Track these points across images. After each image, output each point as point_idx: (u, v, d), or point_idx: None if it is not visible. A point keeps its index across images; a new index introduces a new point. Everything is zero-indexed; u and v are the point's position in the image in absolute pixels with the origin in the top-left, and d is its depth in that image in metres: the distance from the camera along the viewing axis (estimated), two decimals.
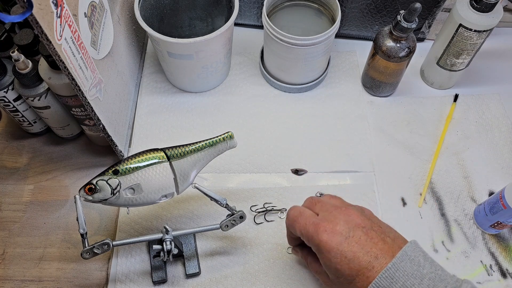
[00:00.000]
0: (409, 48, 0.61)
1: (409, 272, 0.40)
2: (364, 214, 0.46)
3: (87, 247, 0.48)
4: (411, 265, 0.41)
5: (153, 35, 0.59)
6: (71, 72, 0.45)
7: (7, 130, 0.68)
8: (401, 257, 0.41)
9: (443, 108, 0.69)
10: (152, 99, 0.70)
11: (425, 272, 0.40)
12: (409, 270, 0.40)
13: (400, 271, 0.40)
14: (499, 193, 0.54)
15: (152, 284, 0.55)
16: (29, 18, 0.37)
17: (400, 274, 0.40)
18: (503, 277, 0.56)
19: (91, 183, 0.47)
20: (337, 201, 0.49)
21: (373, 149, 0.65)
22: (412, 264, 0.41)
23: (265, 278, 0.56)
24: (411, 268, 0.40)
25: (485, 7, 0.57)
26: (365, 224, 0.44)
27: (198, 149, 0.51)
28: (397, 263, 0.41)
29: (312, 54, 0.63)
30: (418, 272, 0.40)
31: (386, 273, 0.40)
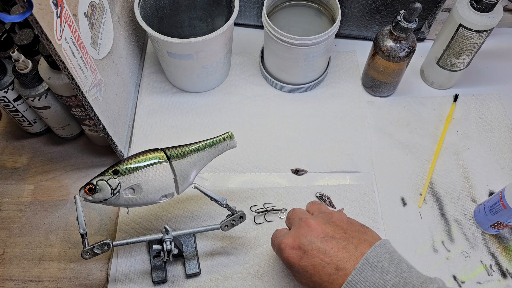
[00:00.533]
0: (409, 48, 0.61)
1: (371, 281, 0.39)
2: (329, 221, 0.45)
3: (87, 247, 0.48)
4: (372, 273, 0.40)
5: (153, 35, 0.59)
6: (71, 72, 0.45)
7: (7, 130, 0.68)
8: (361, 266, 0.40)
9: (443, 108, 0.69)
10: (152, 99, 0.70)
11: (388, 278, 0.39)
12: (370, 279, 0.39)
13: (361, 282, 0.39)
14: (499, 193, 0.54)
15: (152, 284, 0.55)
16: (29, 18, 0.37)
17: (361, 286, 0.39)
18: (503, 277, 0.56)
19: (91, 183, 0.47)
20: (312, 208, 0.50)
21: (373, 149, 0.65)
22: (373, 272, 0.40)
23: (265, 278, 0.56)
24: (373, 276, 0.39)
25: (485, 7, 0.57)
26: (326, 233, 0.44)
27: (198, 149, 0.51)
28: (357, 274, 0.40)
29: (312, 54, 0.63)
30: (381, 280, 0.39)
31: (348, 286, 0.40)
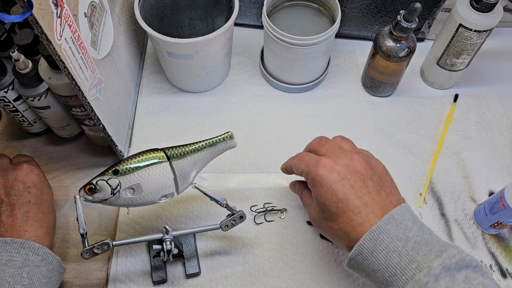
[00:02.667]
0: (409, 48, 0.61)
1: (394, 234, 0.40)
2: (369, 163, 0.46)
3: (87, 247, 0.48)
4: (396, 228, 0.41)
5: (153, 35, 0.59)
6: (71, 72, 0.45)
7: (7, 130, 0.68)
8: (387, 219, 0.41)
9: (443, 108, 0.69)
10: (152, 99, 0.70)
11: (411, 235, 0.40)
12: (394, 233, 0.40)
13: (384, 233, 0.41)
14: (499, 193, 0.54)
15: (152, 284, 0.55)
16: (29, 18, 0.37)
17: (384, 236, 0.40)
18: (503, 277, 0.56)
19: (91, 183, 0.47)
20: (346, 144, 0.50)
21: (373, 149, 0.65)
22: (398, 227, 0.41)
23: (265, 278, 0.56)
24: (397, 231, 0.41)
25: (485, 7, 0.57)
26: (365, 172, 0.45)
27: (198, 149, 0.51)
28: (382, 226, 0.41)
29: (312, 54, 0.63)
30: (404, 235, 0.40)
31: (370, 235, 0.41)
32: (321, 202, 0.45)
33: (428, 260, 0.38)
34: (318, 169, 0.45)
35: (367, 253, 0.41)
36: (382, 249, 0.40)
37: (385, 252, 0.40)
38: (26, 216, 0.49)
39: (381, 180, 0.45)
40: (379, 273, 0.40)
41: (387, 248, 0.40)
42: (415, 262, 0.39)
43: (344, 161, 0.45)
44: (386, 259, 0.40)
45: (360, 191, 0.43)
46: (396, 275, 0.39)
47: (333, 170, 0.44)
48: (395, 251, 0.40)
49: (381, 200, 0.43)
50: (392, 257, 0.40)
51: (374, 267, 0.41)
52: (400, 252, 0.40)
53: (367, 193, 0.43)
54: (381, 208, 0.43)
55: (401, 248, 0.40)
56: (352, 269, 0.44)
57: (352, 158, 0.46)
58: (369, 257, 0.41)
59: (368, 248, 0.41)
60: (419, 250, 0.39)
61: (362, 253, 0.41)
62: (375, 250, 0.40)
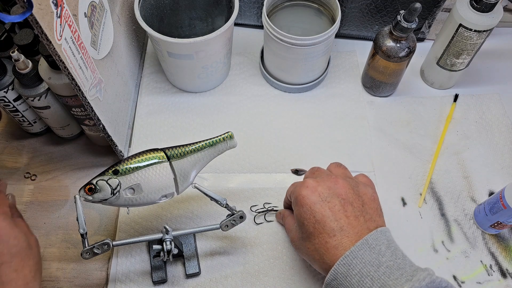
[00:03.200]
0: (409, 48, 0.61)
1: (367, 260, 0.41)
2: (355, 189, 0.47)
3: (87, 247, 0.48)
4: (370, 253, 0.42)
5: (153, 35, 0.59)
6: (71, 72, 0.45)
7: (7, 130, 0.68)
8: (360, 245, 0.42)
9: (443, 108, 0.69)
10: (152, 99, 0.70)
11: (383, 260, 0.41)
12: (367, 258, 0.41)
13: (357, 258, 0.41)
14: (499, 193, 0.54)
15: (152, 284, 0.55)
16: (29, 18, 0.37)
17: (357, 262, 0.41)
18: (503, 277, 0.56)
19: (91, 183, 0.47)
20: (338, 171, 0.52)
21: (373, 149, 0.65)
22: (371, 252, 0.42)
23: (265, 278, 0.56)
24: (370, 256, 0.41)
25: (485, 7, 0.57)
26: (347, 196, 0.46)
27: (198, 149, 0.51)
28: (355, 251, 0.42)
29: (312, 54, 0.63)
30: (376, 260, 0.41)
31: (344, 260, 0.42)
32: (300, 221, 0.47)
33: (399, 284, 0.39)
34: (302, 189, 0.47)
35: (342, 278, 0.42)
36: (355, 274, 0.41)
37: (358, 277, 0.41)
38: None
39: (363, 206, 0.46)
40: None
41: (360, 273, 0.41)
42: (386, 286, 0.39)
43: (327, 184, 0.47)
44: (359, 284, 0.41)
45: (338, 214, 0.45)
46: None
47: (315, 191, 0.46)
48: (368, 276, 0.40)
49: (358, 225, 0.44)
50: (365, 282, 0.40)
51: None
52: (372, 276, 0.40)
53: (345, 217, 0.44)
54: (357, 233, 0.44)
55: (373, 272, 0.40)
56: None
57: (336, 181, 0.47)
58: (343, 281, 0.42)
59: (342, 273, 0.42)
60: (390, 274, 0.40)
61: (337, 278, 0.42)
62: (349, 275, 0.41)
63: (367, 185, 0.50)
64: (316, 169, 0.52)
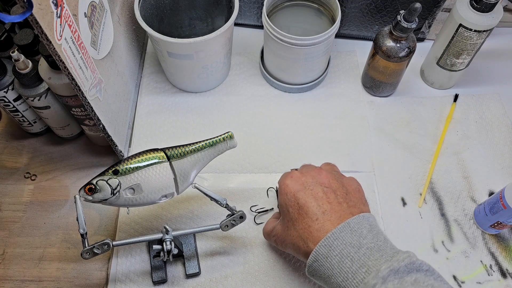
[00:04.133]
0: (409, 48, 0.61)
1: (348, 241, 0.42)
2: (339, 180, 0.49)
3: (87, 247, 0.48)
4: (351, 235, 0.42)
5: (153, 35, 0.59)
6: (71, 72, 0.45)
7: (7, 130, 0.68)
8: (342, 227, 0.43)
9: (443, 108, 0.69)
10: (152, 99, 0.70)
11: (364, 242, 0.42)
12: (348, 240, 0.42)
13: (338, 240, 0.42)
14: (499, 193, 0.54)
15: (152, 284, 0.55)
16: (29, 18, 0.37)
17: (338, 243, 0.42)
18: (503, 277, 0.56)
19: (91, 183, 0.47)
20: (326, 166, 0.53)
21: (373, 149, 0.65)
22: (352, 234, 0.42)
23: (265, 278, 0.56)
24: (351, 238, 0.42)
25: (485, 7, 0.57)
26: (330, 185, 0.48)
27: (198, 149, 0.51)
28: (336, 233, 0.43)
29: (312, 54, 0.63)
30: (357, 242, 0.42)
31: (325, 242, 0.42)
32: (285, 209, 0.48)
33: (378, 264, 0.39)
34: (286, 179, 0.50)
35: (322, 259, 0.42)
36: (335, 255, 0.42)
37: (338, 258, 0.41)
38: None
39: (347, 195, 0.48)
40: (333, 278, 0.41)
41: (340, 254, 0.41)
42: (365, 266, 0.40)
43: (311, 174, 0.49)
44: (339, 264, 0.41)
45: (321, 200, 0.46)
46: (348, 280, 0.40)
47: (299, 180, 0.49)
48: (348, 257, 0.41)
49: (340, 210, 0.45)
50: (345, 262, 0.41)
51: (329, 273, 0.42)
52: (353, 257, 0.41)
53: (327, 203, 0.46)
54: (339, 217, 0.45)
55: (354, 253, 0.41)
56: (312, 276, 0.45)
57: (320, 172, 0.49)
58: (324, 263, 0.42)
59: (323, 254, 0.42)
60: (370, 255, 0.40)
61: (318, 259, 0.43)
62: (329, 256, 0.42)
63: (353, 179, 0.51)
64: (306, 165, 0.53)
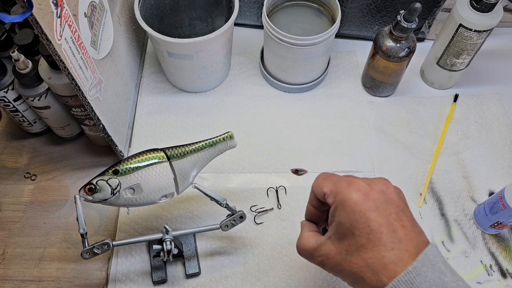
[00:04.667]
0: (409, 48, 0.61)
1: (431, 279, 0.36)
2: (399, 195, 0.42)
3: (87, 247, 0.48)
4: (432, 271, 0.36)
5: (153, 35, 0.59)
6: (71, 72, 0.45)
7: (7, 130, 0.68)
8: (422, 260, 0.36)
9: (443, 108, 0.69)
10: (152, 99, 0.70)
11: (446, 281, 0.36)
12: (430, 277, 0.36)
13: (421, 276, 0.36)
14: (499, 193, 0.54)
15: (152, 284, 0.55)
16: (29, 18, 0.37)
17: (421, 280, 0.36)
18: (503, 277, 0.56)
19: (91, 183, 0.47)
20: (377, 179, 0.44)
21: (373, 149, 0.65)
22: (433, 270, 0.36)
23: (265, 278, 0.56)
24: (433, 275, 0.36)
25: (485, 7, 0.57)
26: (399, 203, 0.40)
27: (198, 149, 0.51)
28: (418, 267, 0.36)
29: (312, 54, 0.63)
30: (440, 280, 0.36)
31: (406, 277, 0.36)
32: (348, 230, 0.39)
33: None
34: (352, 192, 0.39)
35: None
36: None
37: None
38: None
39: (411, 215, 0.41)
40: None
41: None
42: None
43: (380, 188, 0.40)
44: None
45: (395, 224, 0.38)
46: None
47: (368, 196, 0.39)
48: None
49: (415, 238, 0.38)
50: None
51: None
52: None
53: (402, 228, 0.38)
54: (415, 246, 0.38)
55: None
56: None
57: (387, 185, 0.41)
58: None
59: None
60: None
61: None
62: None
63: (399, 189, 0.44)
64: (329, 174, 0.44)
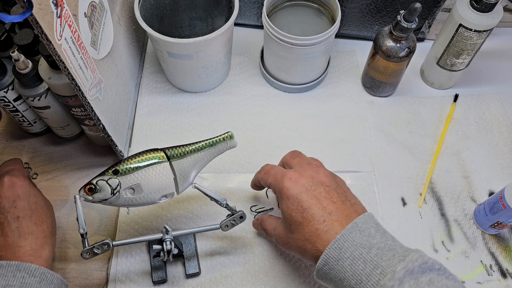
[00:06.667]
0: (409, 48, 0.61)
1: (358, 242, 0.41)
2: (334, 179, 0.48)
3: (87, 247, 0.48)
4: (360, 236, 0.42)
5: (153, 35, 0.59)
6: (71, 72, 0.45)
7: (7, 130, 0.68)
8: (350, 228, 0.42)
9: (443, 108, 0.69)
10: (152, 99, 0.70)
11: (374, 242, 0.41)
12: (358, 240, 0.41)
13: (348, 241, 0.41)
14: (499, 193, 0.54)
15: (152, 284, 0.55)
16: (29, 18, 0.37)
17: (348, 244, 0.41)
18: (503, 277, 0.56)
19: (91, 183, 0.47)
20: (315, 161, 0.51)
21: (373, 149, 0.65)
22: (361, 235, 0.42)
23: (265, 278, 0.56)
24: (360, 239, 0.41)
25: (485, 7, 0.57)
26: (330, 184, 0.46)
27: (198, 149, 0.51)
28: (346, 234, 0.42)
29: (312, 54, 0.63)
30: (367, 242, 0.41)
31: (335, 244, 0.41)
32: (287, 213, 0.46)
33: (392, 265, 0.39)
34: (284, 181, 0.47)
35: (333, 262, 0.41)
36: (347, 257, 0.41)
37: (350, 260, 0.41)
38: (17, 231, 0.47)
39: (345, 193, 0.47)
40: (345, 281, 0.41)
41: (352, 256, 0.41)
42: (379, 267, 0.39)
43: (309, 173, 0.47)
44: (352, 267, 0.40)
45: (325, 201, 0.45)
46: (362, 282, 0.40)
47: (299, 182, 0.46)
48: (360, 258, 0.40)
49: (345, 209, 0.44)
50: (357, 264, 0.40)
51: (341, 276, 0.41)
52: (365, 258, 0.40)
53: (332, 203, 0.45)
54: (346, 216, 0.44)
55: (365, 255, 0.40)
56: (322, 279, 0.44)
57: (317, 171, 0.48)
58: (335, 266, 0.41)
59: (334, 257, 0.41)
60: (382, 255, 0.40)
61: (329, 262, 0.42)
62: (341, 259, 0.41)
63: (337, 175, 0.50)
64: (296, 154, 0.52)
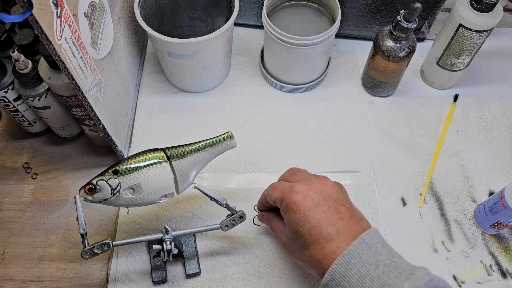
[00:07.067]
0: (409, 48, 0.61)
1: (365, 259, 0.41)
2: (341, 190, 0.47)
3: (87, 247, 0.48)
4: (367, 252, 0.41)
5: (153, 35, 0.59)
6: (71, 72, 0.45)
7: (7, 130, 0.68)
8: (357, 244, 0.41)
9: (443, 108, 0.69)
10: (152, 99, 0.70)
11: (381, 259, 0.41)
12: (365, 257, 0.41)
13: (355, 258, 0.41)
14: (499, 193, 0.54)
15: (152, 284, 0.55)
16: (29, 18, 0.37)
17: (355, 261, 0.41)
18: (503, 277, 0.56)
19: (91, 183, 0.47)
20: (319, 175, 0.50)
21: (373, 149, 0.65)
22: (368, 251, 0.41)
23: (265, 278, 0.56)
24: (367, 255, 0.41)
25: (485, 7, 0.57)
26: (338, 197, 0.45)
27: (198, 149, 0.51)
28: (353, 250, 0.41)
29: (312, 54, 0.63)
30: (374, 259, 0.41)
31: (342, 260, 0.41)
32: (294, 228, 0.45)
33: (399, 283, 0.39)
34: (292, 195, 0.45)
35: (340, 278, 0.41)
36: (353, 274, 0.40)
37: (357, 277, 0.40)
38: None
39: (351, 206, 0.46)
40: None
41: (359, 273, 0.40)
42: (386, 285, 0.39)
43: (318, 186, 0.46)
44: (358, 284, 0.40)
45: (333, 217, 0.43)
46: None
47: (307, 196, 0.45)
48: (367, 275, 0.40)
49: (353, 226, 0.43)
50: (364, 281, 0.40)
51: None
52: (372, 276, 0.40)
53: (340, 220, 0.44)
54: (353, 234, 0.43)
55: (372, 272, 0.40)
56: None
57: (325, 183, 0.46)
58: (342, 282, 0.41)
59: (340, 273, 0.41)
60: (389, 273, 0.40)
61: (335, 278, 0.41)
62: (347, 275, 0.41)
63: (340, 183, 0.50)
64: (296, 170, 0.51)
